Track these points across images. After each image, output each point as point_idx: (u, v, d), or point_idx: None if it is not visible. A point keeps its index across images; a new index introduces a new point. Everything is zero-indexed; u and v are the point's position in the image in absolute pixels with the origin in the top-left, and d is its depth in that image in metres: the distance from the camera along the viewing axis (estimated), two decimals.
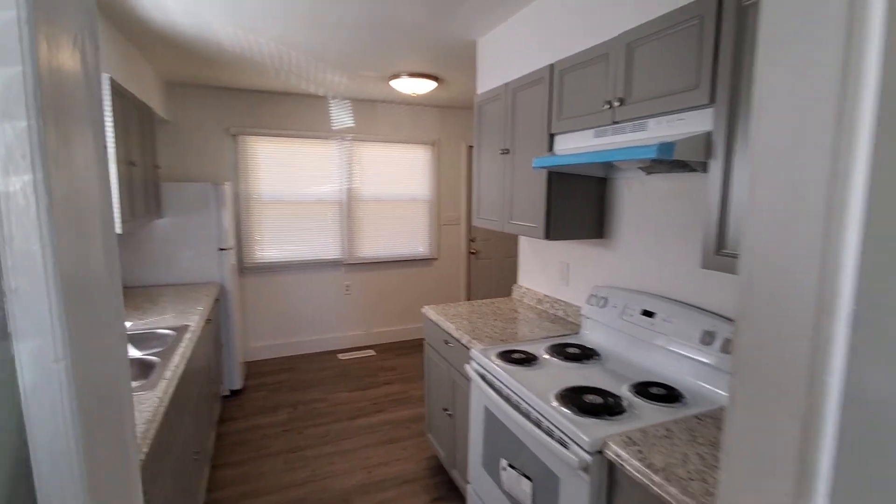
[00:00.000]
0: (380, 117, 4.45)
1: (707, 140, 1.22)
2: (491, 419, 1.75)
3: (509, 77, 2.47)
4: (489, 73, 2.71)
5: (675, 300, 1.69)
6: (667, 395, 1.45)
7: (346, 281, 4.50)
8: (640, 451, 1.14)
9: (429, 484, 2.46)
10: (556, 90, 1.83)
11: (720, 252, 1.19)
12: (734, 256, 1.13)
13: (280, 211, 4.18)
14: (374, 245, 4.57)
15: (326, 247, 4.39)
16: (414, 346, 4.60)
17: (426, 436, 2.68)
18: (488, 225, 2.40)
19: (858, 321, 0.54)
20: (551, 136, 1.90)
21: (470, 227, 4.95)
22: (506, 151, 2.21)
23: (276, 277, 4.25)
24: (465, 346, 2.05)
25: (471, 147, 4.80)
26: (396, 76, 3.43)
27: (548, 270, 2.49)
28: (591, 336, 2.01)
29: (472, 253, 4.98)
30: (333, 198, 4.35)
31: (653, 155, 1.21)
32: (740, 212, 1.13)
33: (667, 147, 1.20)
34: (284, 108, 4.11)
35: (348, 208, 4.41)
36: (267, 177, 4.11)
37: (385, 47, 2.84)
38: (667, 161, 1.47)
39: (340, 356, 4.34)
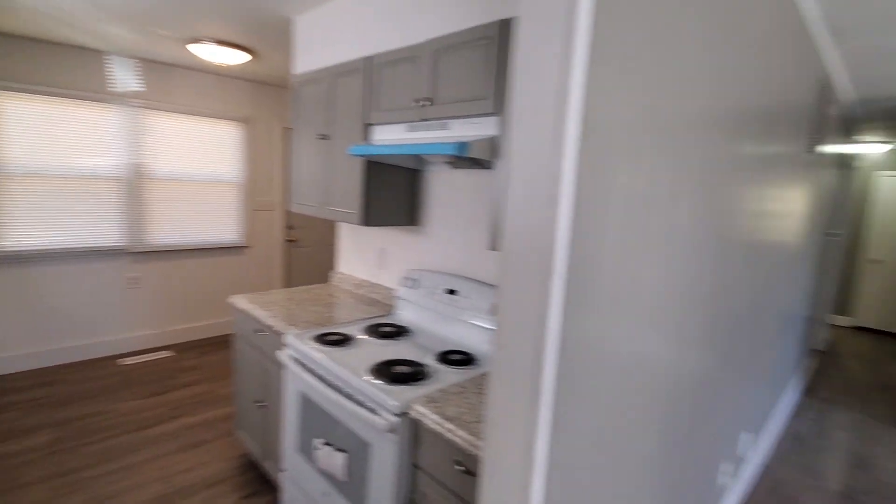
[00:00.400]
0: (179, 85, 3.90)
1: (493, 143, 1.46)
2: (306, 402, 1.76)
3: (327, 61, 2.47)
4: (306, 55, 2.64)
5: (473, 279, 1.96)
6: (464, 359, 1.69)
7: (131, 272, 3.84)
8: (438, 407, 1.32)
9: (240, 482, 2.33)
10: (374, 82, 1.92)
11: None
12: None
13: (37, 186, 3.32)
14: (170, 231, 3.99)
15: (104, 232, 3.66)
16: (221, 343, 4.21)
17: (236, 434, 2.52)
18: (306, 210, 2.37)
19: (568, 280, 0.77)
20: (369, 126, 1.98)
21: (287, 213, 4.73)
22: (324, 137, 2.21)
23: (30, 270, 3.38)
24: (279, 333, 2.01)
25: (287, 128, 4.58)
26: (197, 40, 3.07)
27: (365, 256, 2.59)
28: (404, 315, 2.18)
29: (291, 241, 4.78)
30: (115, 174, 3.65)
31: (452, 152, 1.39)
32: None
33: (462, 146, 1.39)
34: (44, 58, 3.26)
35: (136, 187, 3.76)
36: (17, 143, 3.21)
37: (182, 5, 2.51)
38: (466, 158, 1.69)
39: (124, 361, 3.71)
